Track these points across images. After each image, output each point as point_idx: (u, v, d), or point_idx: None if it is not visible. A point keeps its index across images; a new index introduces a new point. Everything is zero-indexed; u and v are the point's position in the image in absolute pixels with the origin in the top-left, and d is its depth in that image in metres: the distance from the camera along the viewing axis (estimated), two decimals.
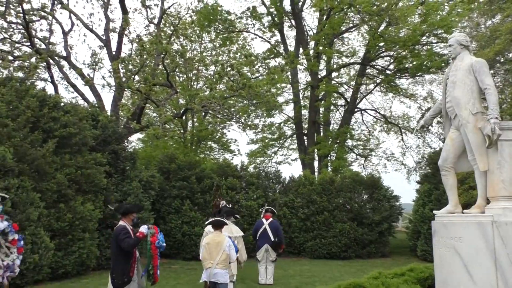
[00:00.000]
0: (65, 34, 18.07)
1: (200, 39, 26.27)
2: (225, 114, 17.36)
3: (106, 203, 11.91)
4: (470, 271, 6.46)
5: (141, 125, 14.33)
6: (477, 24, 13.46)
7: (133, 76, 14.98)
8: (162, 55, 14.86)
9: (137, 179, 13.47)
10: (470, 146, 6.88)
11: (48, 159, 10.01)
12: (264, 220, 10.66)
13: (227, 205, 9.68)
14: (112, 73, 15.21)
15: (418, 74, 22.02)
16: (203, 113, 23.88)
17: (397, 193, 16.92)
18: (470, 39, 14.02)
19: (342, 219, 15.86)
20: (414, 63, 20.82)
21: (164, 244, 6.58)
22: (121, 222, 6.28)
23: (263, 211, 10.97)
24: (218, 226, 7.12)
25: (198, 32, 24.95)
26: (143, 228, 6.22)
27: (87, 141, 11.46)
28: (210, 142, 30.14)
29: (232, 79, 13.93)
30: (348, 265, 14.17)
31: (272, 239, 10.35)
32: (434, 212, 7.57)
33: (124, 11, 17.32)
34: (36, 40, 16.70)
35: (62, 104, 11.50)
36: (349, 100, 25.06)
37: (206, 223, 7.73)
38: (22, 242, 6.21)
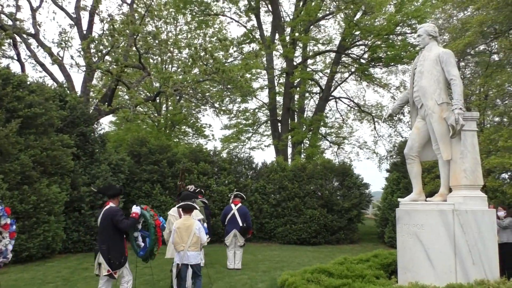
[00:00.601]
0: (34, 10, 17.43)
1: (175, 21, 25.81)
2: (198, 98, 17.16)
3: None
4: (431, 257, 6.63)
5: (111, 107, 14.03)
6: (449, 16, 13.62)
7: (103, 57, 14.59)
8: (135, 36, 14.52)
9: (106, 162, 13.24)
10: (434, 136, 7.02)
11: (12, 140, 9.68)
12: (233, 205, 10.65)
13: (196, 190, 9.61)
14: (81, 52, 14.77)
15: (392, 64, 22.26)
16: (178, 97, 23.57)
17: (369, 181, 17.29)
18: (439, 30, 14.19)
19: (313, 206, 16.02)
20: (388, 53, 21.04)
21: (166, 226, 6.85)
22: (111, 204, 6.28)
23: (232, 197, 10.96)
24: (188, 210, 7.14)
25: (173, 14, 24.48)
26: (136, 209, 6.37)
27: (54, 122, 11.14)
28: (184, 127, 29.90)
29: (205, 63, 13.74)
30: (317, 250, 14.37)
31: (241, 224, 10.36)
32: (399, 200, 7.73)
33: None
34: (2, 16, 16.05)
35: (27, 83, 11.11)
36: (323, 88, 25.19)
37: (177, 206, 7.71)
38: (14, 227, 5.95)
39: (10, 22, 16.27)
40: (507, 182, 10.58)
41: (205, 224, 7.51)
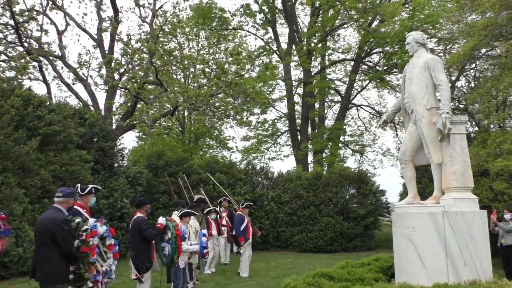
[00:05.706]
0: (60, 33, 18.41)
1: (197, 38, 26.55)
2: (214, 111, 17.66)
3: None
4: (422, 258, 6.74)
5: (128, 123, 14.68)
6: (457, 21, 13.63)
7: (121, 76, 15.28)
8: (151, 55, 15.17)
9: (124, 175, 13.83)
10: (425, 140, 7.18)
11: (32, 156, 10.35)
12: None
13: (202, 199, 9.98)
14: (99, 71, 15.56)
15: None
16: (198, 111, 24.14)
17: (394, 189, 17.19)
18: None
19: (328, 213, 16.12)
20: (405, 59, 20.97)
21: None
22: (138, 214, 6.75)
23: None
24: (184, 217, 7.74)
25: (195, 30, 25.25)
26: (162, 220, 6.82)
27: (72, 138, 11.79)
28: (208, 140, 30.49)
29: (218, 77, 14.22)
30: (332, 257, 14.41)
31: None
32: (395, 203, 7.87)
33: (116, 11, 17.63)
34: (31, 40, 17.03)
35: (47, 103, 11.84)
36: (343, 96, 25.29)
37: (178, 214, 8.18)
38: (117, 248, 6.09)
39: (37, 46, 17.26)
40: None
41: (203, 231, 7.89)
